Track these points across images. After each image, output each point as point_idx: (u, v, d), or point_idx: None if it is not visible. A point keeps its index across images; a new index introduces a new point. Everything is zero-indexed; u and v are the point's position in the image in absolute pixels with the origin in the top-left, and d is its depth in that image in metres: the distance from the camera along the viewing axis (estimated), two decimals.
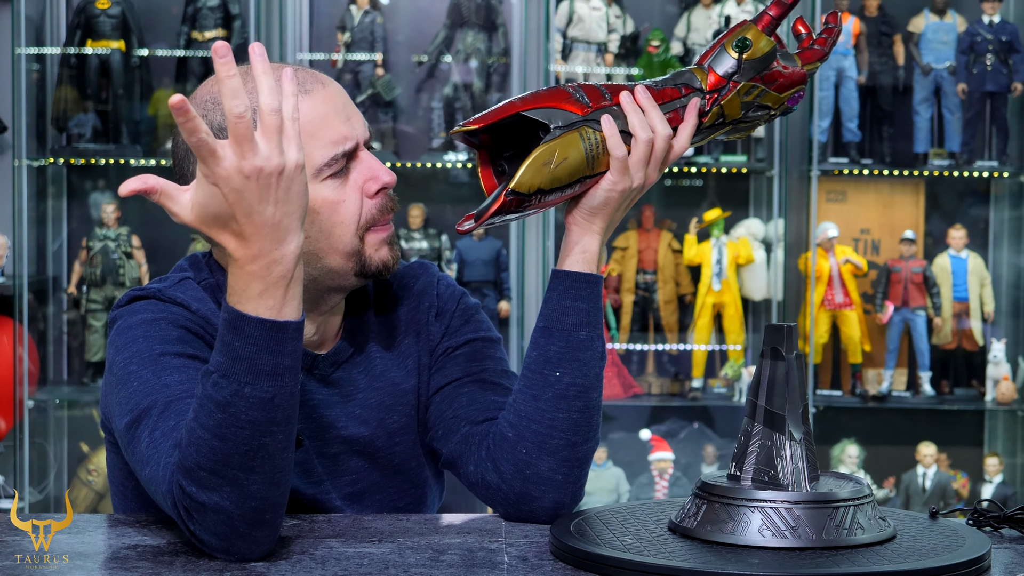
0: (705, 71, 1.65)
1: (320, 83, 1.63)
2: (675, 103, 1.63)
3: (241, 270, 1.38)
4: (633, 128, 1.58)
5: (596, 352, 1.64)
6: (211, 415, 1.39)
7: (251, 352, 1.38)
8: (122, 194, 1.36)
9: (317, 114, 1.60)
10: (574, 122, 1.56)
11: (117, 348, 1.60)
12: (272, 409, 1.40)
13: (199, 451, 1.40)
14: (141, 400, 1.52)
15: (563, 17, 4.63)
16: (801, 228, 4.72)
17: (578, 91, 1.58)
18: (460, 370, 1.75)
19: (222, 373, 1.39)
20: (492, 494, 1.67)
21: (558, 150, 1.54)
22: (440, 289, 1.81)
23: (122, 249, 4.58)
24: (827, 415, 4.75)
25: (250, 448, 1.39)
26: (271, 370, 1.39)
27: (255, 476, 1.40)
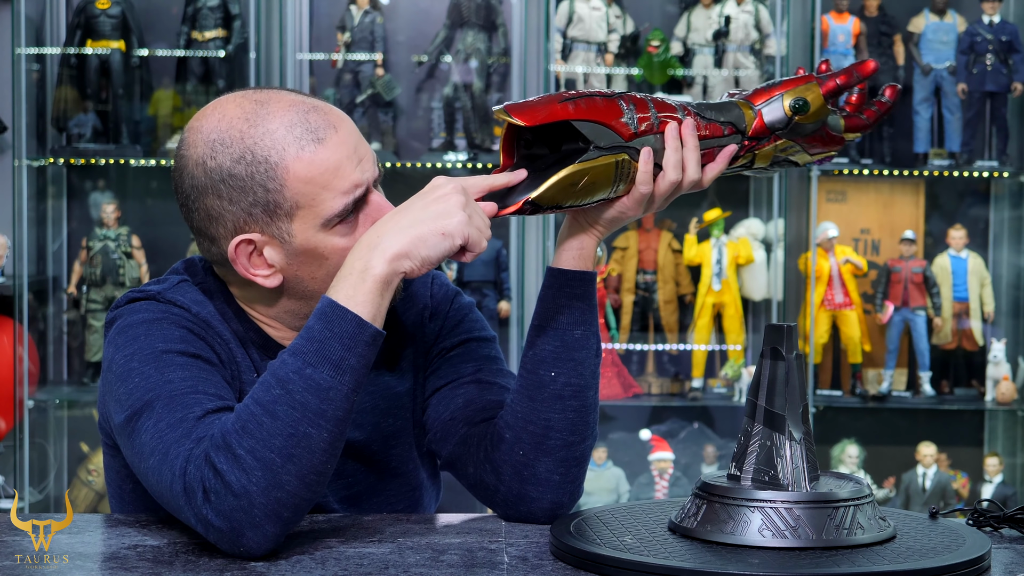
0: (755, 113, 1.64)
1: (333, 128, 1.58)
2: (714, 141, 1.62)
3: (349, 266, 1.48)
4: (667, 165, 1.58)
5: (591, 350, 1.64)
6: (269, 390, 1.44)
7: (325, 336, 1.44)
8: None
9: (330, 165, 1.56)
10: (615, 147, 1.54)
11: (117, 347, 1.59)
12: (326, 400, 1.44)
13: (246, 425, 1.42)
14: (143, 394, 1.52)
15: (563, 17, 4.63)
16: (801, 228, 4.72)
17: (630, 109, 1.55)
18: (455, 371, 1.75)
19: (292, 351, 1.45)
20: (491, 495, 1.68)
21: (589, 175, 1.52)
22: (434, 290, 1.80)
23: (122, 249, 4.58)
24: (827, 415, 4.75)
25: (295, 433, 1.42)
26: (337, 361, 1.44)
27: (291, 466, 1.42)
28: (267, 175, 1.55)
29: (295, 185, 1.55)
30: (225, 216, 1.58)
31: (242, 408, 1.45)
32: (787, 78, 1.68)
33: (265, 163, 1.55)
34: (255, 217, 1.57)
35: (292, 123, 1.57)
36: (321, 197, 1.56)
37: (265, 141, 1.56)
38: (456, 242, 1.48)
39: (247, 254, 1.60)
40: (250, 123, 1.57)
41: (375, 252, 1.48)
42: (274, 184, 1.55)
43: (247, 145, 1.56)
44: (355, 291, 1.47)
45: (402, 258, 1.48)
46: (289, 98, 1.59)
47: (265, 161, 1.55)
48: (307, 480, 1.43)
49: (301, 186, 1.55)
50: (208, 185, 1.57)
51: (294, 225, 1.57)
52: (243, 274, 1.61)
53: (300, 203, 1.56)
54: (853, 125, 1.71)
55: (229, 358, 1.64)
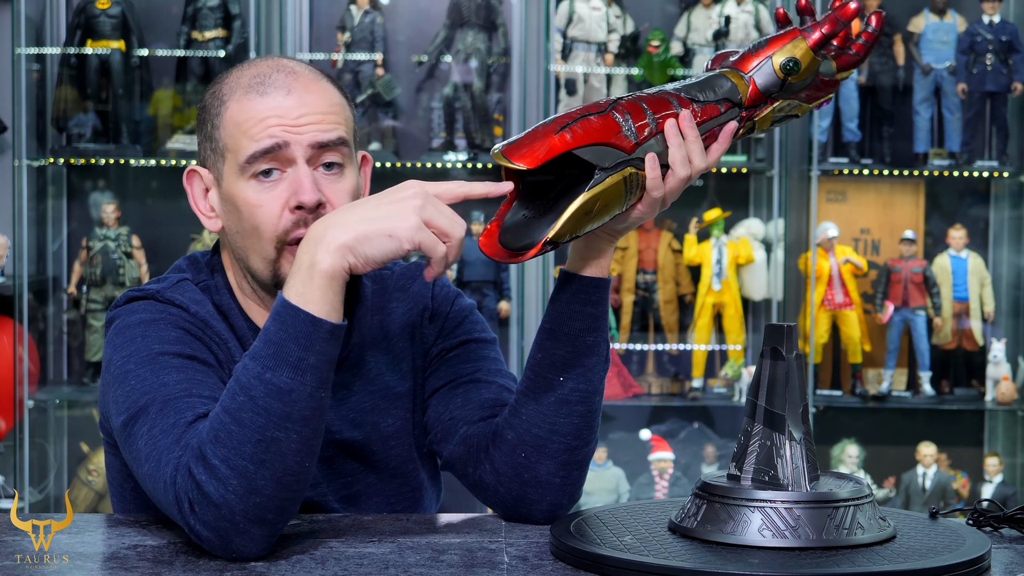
0: (746, 81, 1.60)
1: (285, 89, 1.62)
2: (713, 122, 1.59)
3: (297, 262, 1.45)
4: (673, 163, 1.55)
5: (601, 356, 1.64)
6: (234, 398, 1.42)
7: (280, 339, 1.42)
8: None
9: (257, 115, 1.61)
10: (620, 163, 1.51)
11: (115, 347, 1.60)
12: (289, 403, 1.41)
13: (217, 435, 1.41)
14: (139, 398, 1.52)
15: (563, 17, 4.63)
16: (801, 228, 4.72)
17: (626, 120, 1.52)
18: (454, 372, 1.75)
19: (252, 355, 1.43)
20: (490, 495, 1.67)
21: (600, 199, 1.50)
22: (435, 291, 1.80)
23: (122, 249, 4.58)
24: (827, 415, 4.75)
25: (263, 439, 1.41)
26: (295, 362, 1.42)
27: (264, 471, 1.41)
28: (216, 111, 1.64)
29: (228, 126, 1.63)
30: (198, 150, 1.69)
31: (213, 416, 1.44)
32: (771, 36, 1.62)
33: (220, 101, 1.65)
34: (206, 152, 1.67)
35: (256, 74, 1.65)
36: (241, 142, 1.61)
37: (230, 83, 1.65)
38: (403, 246, 1.44)
39: (200, 190, 1.68)
40: (240, 68, 1.68)
41: (320, 245, 1.45)
42: (218, 120, 1.64)
43: (220, 82, 1.67)
44: (305, 287, 1.44)
45: (346, 252, 1.44)
46: (284, 60, 1.68)
47: (220, 99, 1.65)
48: (284, 482, 1.43)
49: (231, 127, 1.63)
50: (198, 115, 1.69)
51: (225, 167, 1.64)
52: (194, 208, 1.69)
53: (228, 145, 1.63)
54: (845, 63, 1.65)
55: (227, 357, 1.64)
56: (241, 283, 1.70)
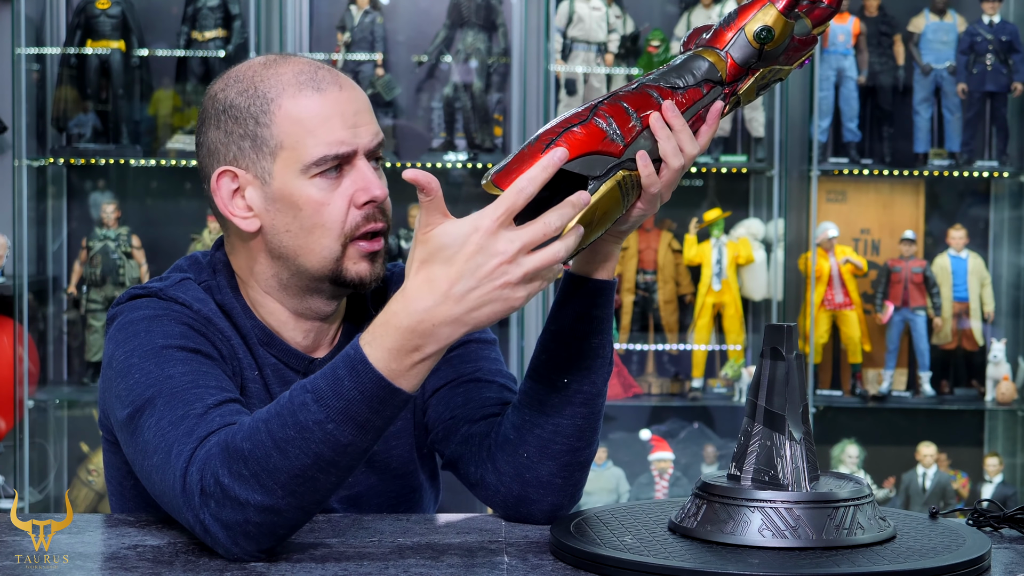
0: (723, 58, 1.57)
1: (337, 86, 1.63)
2: (698, 104, 1.56)
3: (392, 316, 1.37)
4: (665, 156, 1.53)
5: (606, 359, 1.63)
6: (285, 428, 1.39)
7: (354, 398, 1.38)
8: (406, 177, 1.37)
9: (322, 113, 1.60)
10: (611, 168, 1.49)
11: (117, 343, 1.60)
12: (343, 454, 1.40)
13: (254, 449, 1.39)
14: (144, 391, 1.52)
15: (563, 17, 4.63)
16: (801, 228, 4.72)
17: (610, 124, 1.50)
18: (455, 371, 1.75)
19: (316, 397, 1.38)
20: (491, 495, 1.67)
21: (598, 208, 1.48)
22: None
23: (122, 249, 4.58)
24: (827, 415, 4.75)
25: (303, 475, 1.39)
26: (362, 422, 1.39)
27: (293, 500, 1.41)
28: (261, 108, 1.61)
29: (283, 123, 1.60)
30: (220, 150, 1.63)
31: (253, 433, 1.40)
32: (741, 7, 1.58)
33: (263, 98, 1.61)
34: (243, 151, 1.61)
35: (300, 71, 1.63)
36: (305, 142, 1.59)
37: (271, 80, 1.62)
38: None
39: (230, 192, 1.63)
40: (265, 66, 1.64)
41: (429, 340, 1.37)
42: (265, 118, 1.60)
43: (254, 82, 1.62)
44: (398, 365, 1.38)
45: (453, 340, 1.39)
46: (308, 60, 1.66)
47: (264, 96, 1.61)
48: (306, 509, 1.43)
49: (289, 125, 1.60)
50: (213, 115, 1.64)
51: (276, 165, 1.60)
52: (223, 211, 1.63)
53: (284, 143, 1.60)
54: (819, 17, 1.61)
55: (231, 354, 1.64)
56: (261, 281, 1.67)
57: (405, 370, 1.38)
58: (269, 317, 1.68)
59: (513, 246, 1.35)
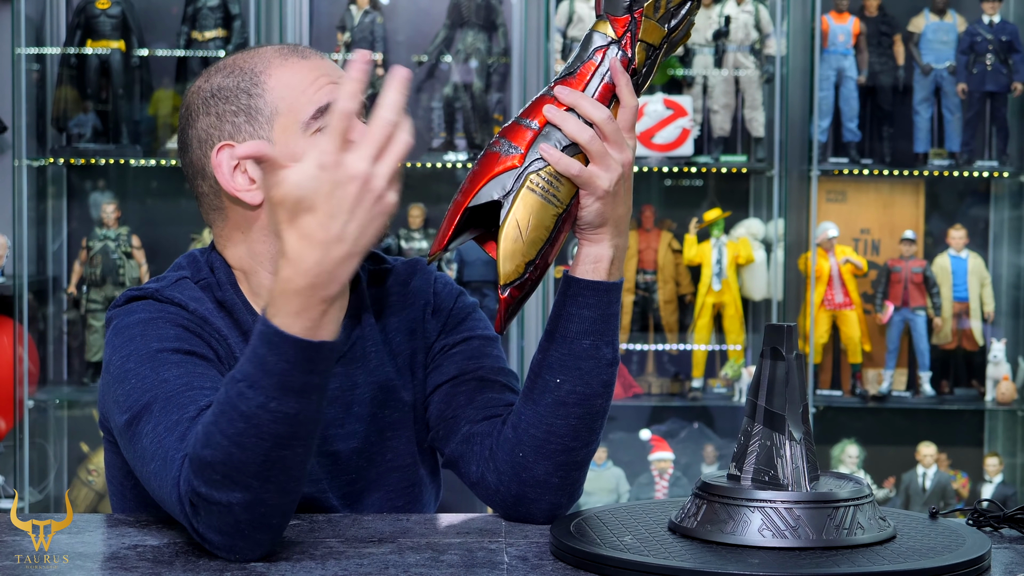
0: (607, 19, 1.54)
1: (318, 55, 1.70)
2: (599, 73, 1.53)
3: (287, 283, 1.35)
4: (572, 135, 1.51)
5: (602, 360, 1.62)
6: (233, 423, 1.38)
7: (282, 368, 1.36)
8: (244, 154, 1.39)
9: (309, 75, 1.66)
10: (517, 178, 1.48)
11: (114, 348, 1.60)
12: (296, 424, 1.39)
13: (215, 454, 1.39)
14: (140, 396, 1.52)
15: (563, 17, 4.63)
16: (801, 228, 4.72)
17: (504, 143, 1.50)
18: (457, 368, 1.75)
19: (249, 383, 1.37)
20: (491, 495, 1.68)
21: (517, 216, 1.48)
22: (437, 287, 1.80)
23: (122, 249, 4.58)
24: (827, 415, 4.75)
25: (268, 459, 1.39)
26: (300, 388, 1.37)
27: (270, 486, 1.40)
28: (251, 82, 1.65)
29: (275, 89, 1.64)
30: (213, 135, 1.66)
31: (208, 434, 1.39)
32: None
33: (250, 73, 1.66)
34: (238, 127, 1.65)
35: (281, 47, 1.70)
36: (299, 100, 1.64)
37: (254, 58, 1.68)
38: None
39: (230, 168, 1.65)
40: (246, 52, 1.70)
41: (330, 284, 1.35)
42: (256, 89, 1.65)
43: (238, 64, 1.68)
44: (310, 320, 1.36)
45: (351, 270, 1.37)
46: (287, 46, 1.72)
47: (251, 71, 1.66)
48: (287, 489, 1.42)
49: (281, 89, 1.64)
50: (199, 106, 1.68)
51: (275, 132, 1.64)
52: (227, 188, 1.65)
53: (279, 107, 1.64)
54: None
55: (227, 353, 1.64)
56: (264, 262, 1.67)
57: (318, 322, 1.36)
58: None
59: (363, 163, 1.33)
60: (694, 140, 4.69)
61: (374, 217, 1.34)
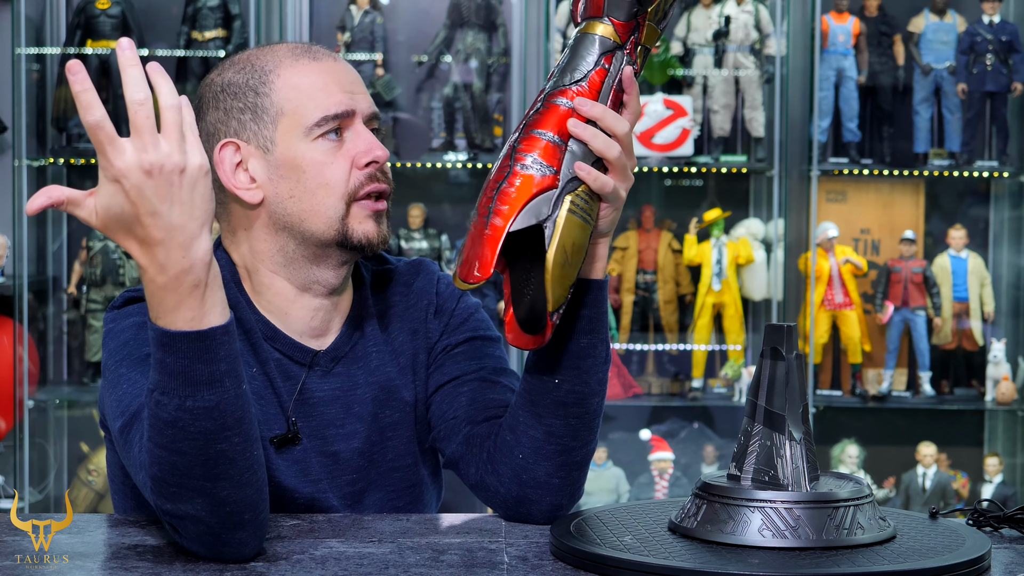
0: (608, 23, 1.51)
1: (332, 58, 1.68)
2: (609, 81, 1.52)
3: (152, 283, 1.34)
4: (600, 152, 1.51)
5: (599, 358, 1.62)
6: (162, 433, 1.38)
7: (183, 366, 1.35)
8: (29, 212, 1.32)
9: (318, 80, 1.65)
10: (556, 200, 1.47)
11: (109, 351, 1.61)
12: (220, 416, 1.38)
13: (161, 468, 1.39)
14: (131, 403, 1.53)
15: (563, 17, 4.63)
16: (801, 228, 4.72)
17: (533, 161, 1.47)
18: (459, 368, 1.75)
19: (161, 391, 1.37)
20: (491, 496, 1.68)
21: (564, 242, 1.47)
22: (440, 288, 1.80)
23: (122, 249, 4.58)
24: (827, 415, 4.75)
25: (208, 457, 1.38)
26: (207, 379, 1.37)
27: (222, 482, 1.40)
28: (260, 80, 1.65)
29: (283, 90, 1.64)
30: (220, 128, 1.66)
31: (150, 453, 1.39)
32: None
33: (260, 71, 1.66)
34: (243, 124, 1.65)
35: (295, 46, 1.69)
36: (305, 105, 1.63)
37: (267, 56, 1.67)
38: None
39: (232, 165, 1.65)
40: (261, 49, 1.70)
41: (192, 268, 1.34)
42: (264, 88, 1.65)
43: (250, 60, 1.67)
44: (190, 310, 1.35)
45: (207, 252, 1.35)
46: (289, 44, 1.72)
47: (261, 69, 1.66)
48: (243, 481, 1.41)
49: (288, 91, 1.64)
50: (209, 99, 1.67)
51: (277, 132, 1.64)
52: (230, 187, 1.65)
53: (285, 109, 1.64)
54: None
55: None
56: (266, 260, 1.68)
57: (199, 309, 1.35)
58: (276, 299, 1.68)
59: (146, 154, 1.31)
60: (694, 140, 4.69)
61: (193, 189, 1.32)
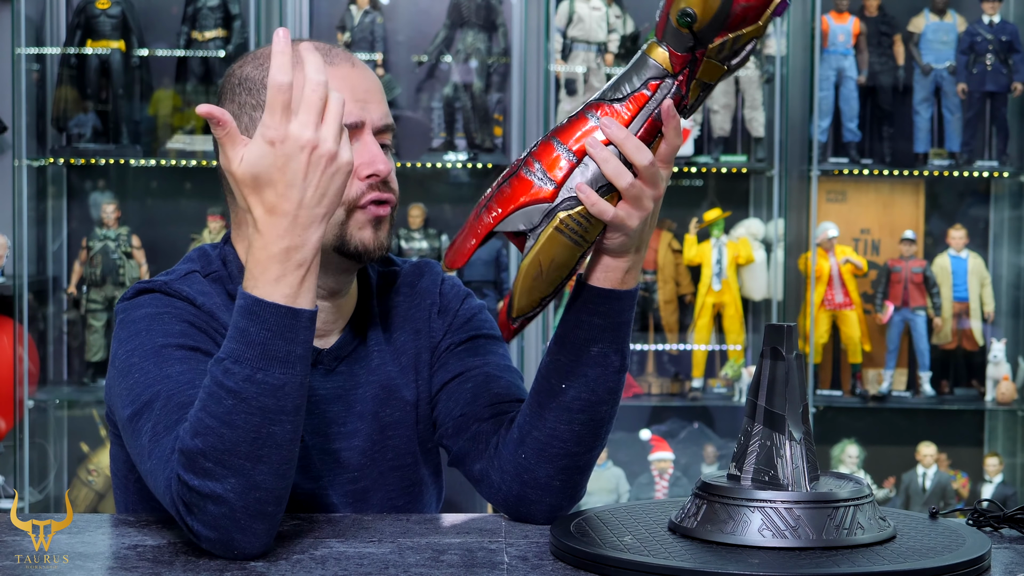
0: (664, 48, 1.44)
1: (350, 63, 1.67)
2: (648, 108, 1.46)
3: (263, 251, 1.40)
4: (611, 178, 1.46)
5: (610, 367, 1.61)
6: (220, 402, 1.40)
7: (265, 338, 1.40)
8: (200, 112, 1.41)
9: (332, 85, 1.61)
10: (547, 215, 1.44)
11: (120, 341, 1.61)
12: (283, 397, 1.41)
13: (205, 440, 1.40)
14: (143, 392, 1.53)
15: (563, 17, 4.63)
16: (801, 228, 4.72)
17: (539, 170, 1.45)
18: (463, 364, 1.76)
19: (234, 359, 1.40)
20: (493, 493, 1.68)
21: (541, 257, 1.45)
22: (444, 288, 1.81)
23: (122, 249, 4.58)
24: (827, 415, 4.75)
25: (259, 436, 1.40)
26: (284, 357, 1.40)
27: (262, 466, 1.41)
28: None
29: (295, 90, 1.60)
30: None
31: (196, 421, 1.41)
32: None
33: None
34: (254, 121, 1.64)
35: (315, 46, 1.64)
36: None
37: None
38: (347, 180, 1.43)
39: None
40: None
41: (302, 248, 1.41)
42: None
43: (268, 56, 1.64)
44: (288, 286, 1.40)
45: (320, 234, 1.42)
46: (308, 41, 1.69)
47: None
48: (281, 472, 1.43)
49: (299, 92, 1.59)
50: (228, 90, 1.68)
51: None
52: None
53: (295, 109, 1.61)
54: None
55: None
56: None
57: (297, 289, 1.40)
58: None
59: (308, 130, 1.39)
60: (694, 140, 4.69)
61: (332, 178, 1.40)
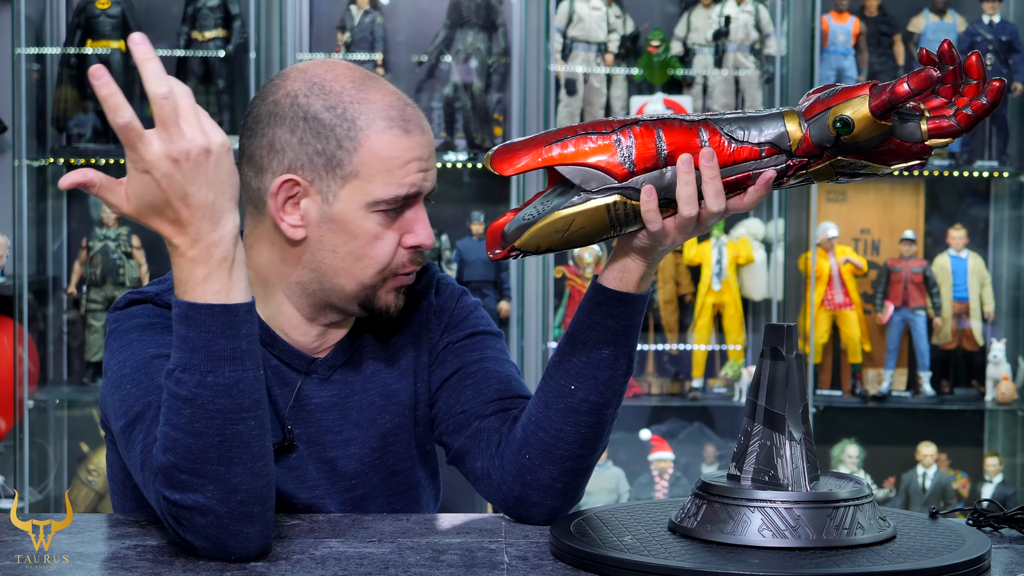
0: (803, 129, 1.48)
1: (421, 130, 1.64)
2: (750, 164, 1.48)
3: (183, 258, 1.39)
4: (679, 199, 1.49)
5: (619, 370, 1.62)
6: (180, 413, 1.40)
7: (206, 340, 1.39)
8: (62, 186, 1.37)
9: (404, 155, 1.62)
10: (606, 189, 1.47)
11: (112, 352, 1.61)
12: (238, 395, 1.40)
13: (176, 453, 1.40)
14: (134, 403, 1.53)
15: (563, 17, 4.63)
16: (801, 228, 4.72)
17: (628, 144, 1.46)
18: (461, 360, 1.76)
19: (183, 368, 1.40)
20: (493, 492, 1.68)
21: (576, 219, 1.47)
22: (439, 288, 1.81)
23: (122, 249, 4.58)
24: (827, 415, 4.75)
25: (224, 438, 1.40)
26: (229, 355, 1.40)
27: (236, 468, 1.41)
28: (347, 133, 1.60)
29: (366, 155, 1.60)
30: (287, 152, 1.61)
31: (164, 437, 1.41)
32: (845, 86, 1.47)
33: (352, 122, 1.61)
34: (314, 165, 1.61)
35: (391, 104, 1.63)
36: (380, 178, 1.60)
37: (362, 106, 1.61)
38: None
39: (287, 197, 1.62)
40: (355, 86, 1.63)
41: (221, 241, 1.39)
42: (349, 144, 1.60)
43: (344, 101, 1.61)
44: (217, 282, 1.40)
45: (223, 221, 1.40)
46: (392, 87, 1.67)
47: (352, 121, 1.61)
48: (256, 470, 1.42)
49: (371, 158, 1.60)
50: (288, 117, 1.62)
51: (344, 190, 1.61)
52: (273, 214, 1.63)
53: (361, 173, 1.60)
54: (938, 130, 1.46)
55: None
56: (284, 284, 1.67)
57: (227, 283, 1.39)
58: (279, 317, 1.69)
59: (173, 143, 1.35)
60: None
61: (218, 166, 1.37)
